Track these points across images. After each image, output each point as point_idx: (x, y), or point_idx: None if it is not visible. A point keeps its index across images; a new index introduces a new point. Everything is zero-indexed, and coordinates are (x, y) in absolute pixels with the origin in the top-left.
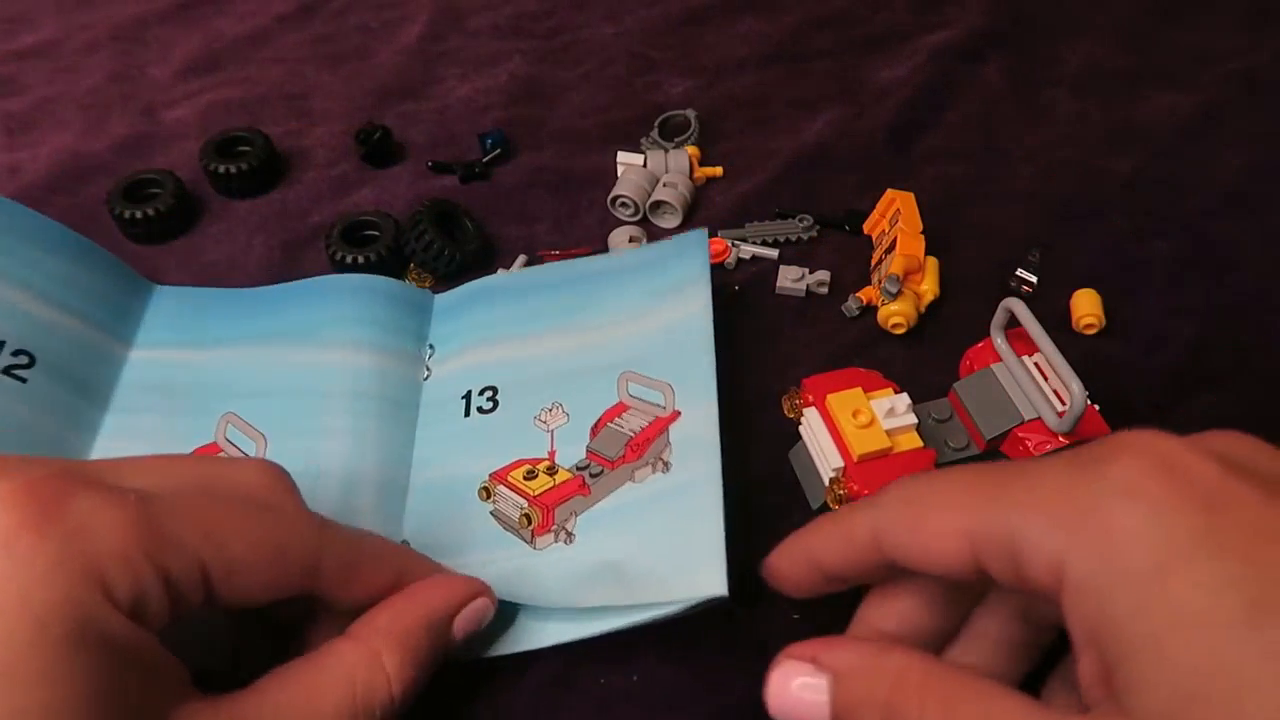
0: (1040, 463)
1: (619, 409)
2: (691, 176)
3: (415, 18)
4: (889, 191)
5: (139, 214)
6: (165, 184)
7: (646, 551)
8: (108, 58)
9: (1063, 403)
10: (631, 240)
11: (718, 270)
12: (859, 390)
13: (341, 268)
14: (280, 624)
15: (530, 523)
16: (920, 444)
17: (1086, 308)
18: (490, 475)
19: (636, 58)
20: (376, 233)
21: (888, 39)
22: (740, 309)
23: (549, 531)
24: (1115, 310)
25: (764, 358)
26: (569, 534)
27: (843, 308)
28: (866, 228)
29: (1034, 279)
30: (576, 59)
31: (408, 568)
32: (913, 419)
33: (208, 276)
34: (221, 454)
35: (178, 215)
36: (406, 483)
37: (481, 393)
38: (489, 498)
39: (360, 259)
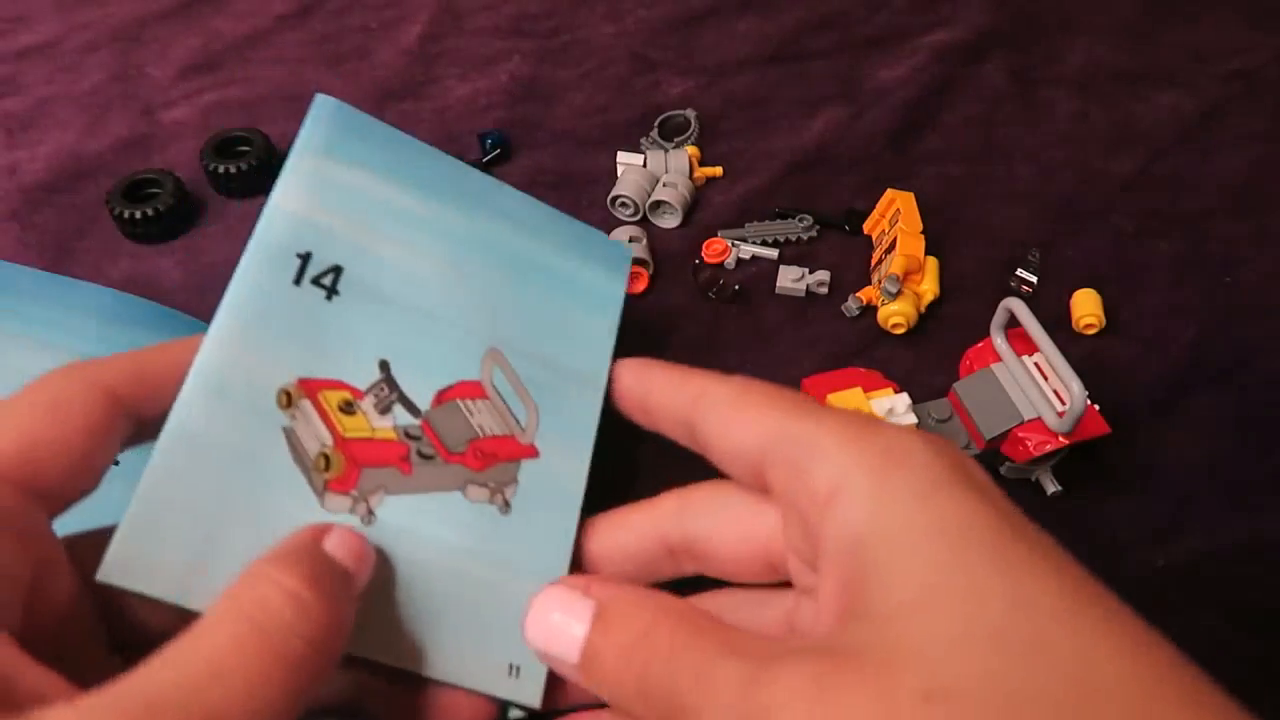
0: (845, 414)
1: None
2: (691, 176)
3: (415, 18)
4: (889, 191)
5: (139, 214)
6: (165, 184)
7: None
8: (108, 58)
9: (1063, 402)
10: (632, 240)
11: (717, 270)
12: (859, 390)
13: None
14: None
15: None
16: None
17: (1086, 308)
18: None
19: (636, 58)
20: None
21: (888, 39)
22: (740, 309)
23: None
24: (1115, 310)
25: (764, 358)
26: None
27: (843, 308)
28: (866, 228)
29: (1034, 279)
30: (576, 59)
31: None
32: (912, 419)
33: (208, 276)
34: None
35: (178, 215)
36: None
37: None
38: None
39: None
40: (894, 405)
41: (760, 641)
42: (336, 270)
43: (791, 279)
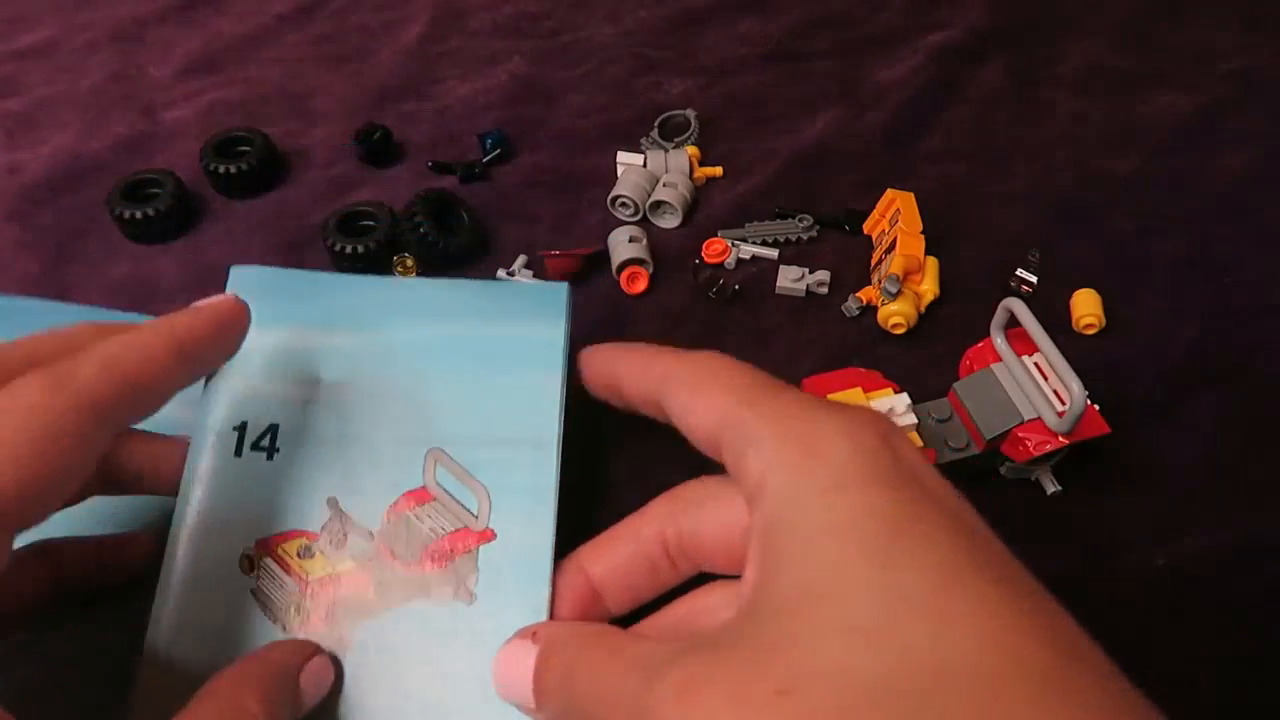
0: (792, 389)
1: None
2: (691, 176)
3: (415, 18)
4: (889, 191)
5: (139, 214)
6: (165, 184)
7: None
8: (108, 58)
9: (1063, 402)
10: (632, 240)
11: (717, 270)
12: (859, 390)
13: (339, 258)
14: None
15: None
16: (920, 444)
17: (1086, 308)
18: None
19: (636, 58)
20: (373, 223)
21: (887, 39)
22: (740, 309)
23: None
24: (1115, 310)
25: (764, 358)
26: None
27: (843, 308)
28: (866, 228)
29: (1034, 279)
30: (576, 59)
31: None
32: (912, 419)
33: (208, 276)
34: None
35: (178, 215)
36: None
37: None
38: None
39: (358, 248)
40: (894, 405)
41: (660, 648)
42: (273, 429)
43: (791, 279)
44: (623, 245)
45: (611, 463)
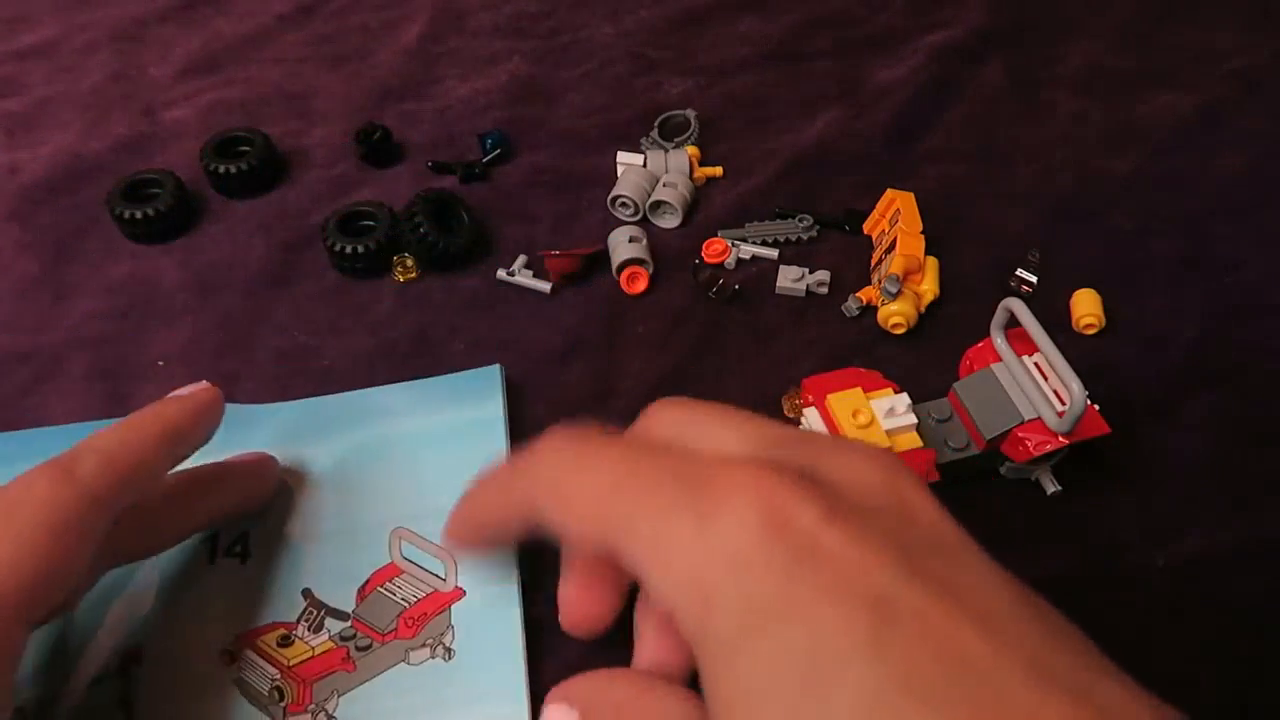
0: (658, 487)
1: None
2: (691, 176)
3: (415, 18)
4: (889, 191)
5: (139, 214)
6: (165, 184)
7: None
8: (108, 58)
9: (1063, 402)
10: (632, 240)
11: (717, 270)
12: (859, 390)
13: (339, 258)
14: None
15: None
16: (920, 444)
17: (1086, 308)
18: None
19: (636, 58)
20: (373, 223)
21: (888, 39)
22: (740, 309)
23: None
24: (1115, 310)
25: (764, 358)
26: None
27: (843, 308)
28: (866, 228)
29: (1034, 279)
30: (576, 59)
31: None
32: (912, 419)
33: (208, 276)
34: None
35: (178, 215)
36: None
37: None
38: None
39: (358, 249)
40: (894, 405)
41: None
42: (244, 536)
43: (791, 279)
44: (623, 245)
45: None
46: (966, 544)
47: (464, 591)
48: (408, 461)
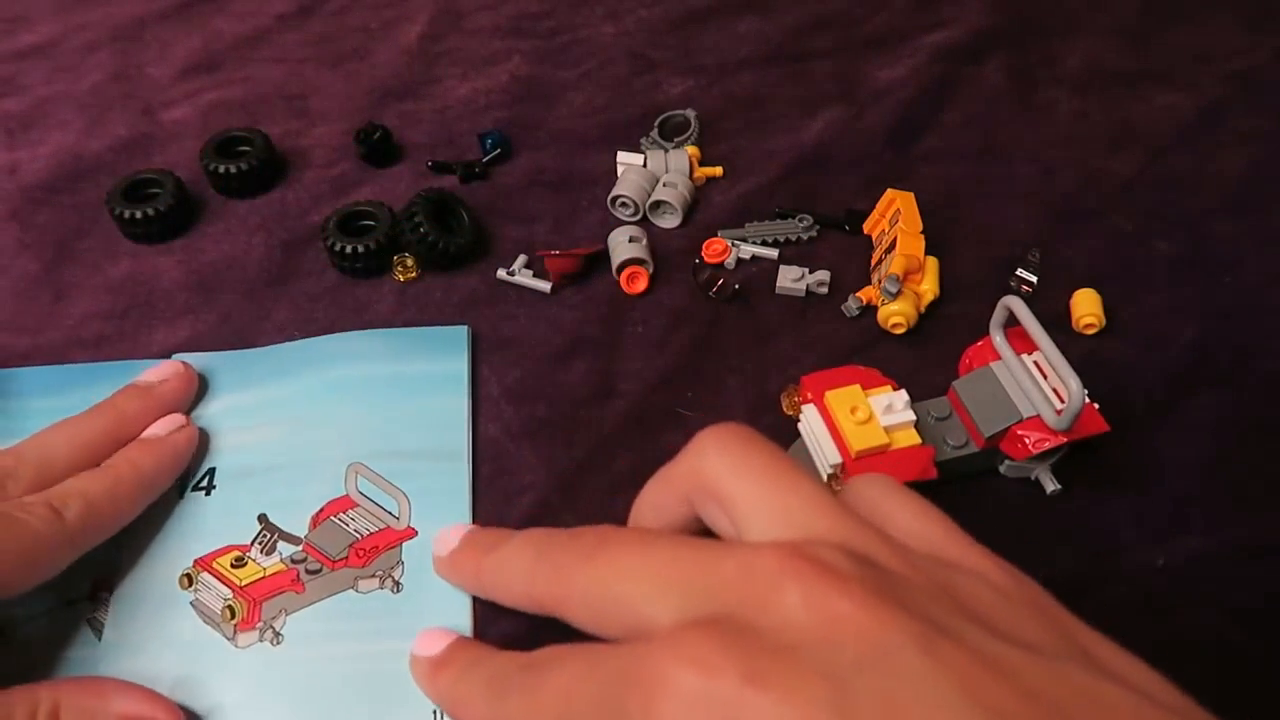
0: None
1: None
2: (691, 176)
3: (415, 18)
4: (889, 191)
5: (139, 214)
6: (165, 184)
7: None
8: (108, 58)
9: (1061, 400)
10: (632, 240)
11: (717, 270)
12: (857, 387)
13: (339, 258)
14: None
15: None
16: (918, 441)
17: (1086, 308)
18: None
19: (636, 58)
20: (373, 222)
21: (887, 39)
22: (740, 309)
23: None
24: (1115, 310)
25: (764, 358)
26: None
27: (843, 308)
28: (866, 228)
29: (1034, 279)
30: (576, 59)
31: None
32: (910, 416)
33: (208, 276)
34: None
35: (178, 215)
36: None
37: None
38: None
39: (358, 249)
40: (892, 402)
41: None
42: (211, 471)
43: (791, 279)
44: (623, 245)
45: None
46: (910, 639)
47: (416, 532)
48: (370, 403)
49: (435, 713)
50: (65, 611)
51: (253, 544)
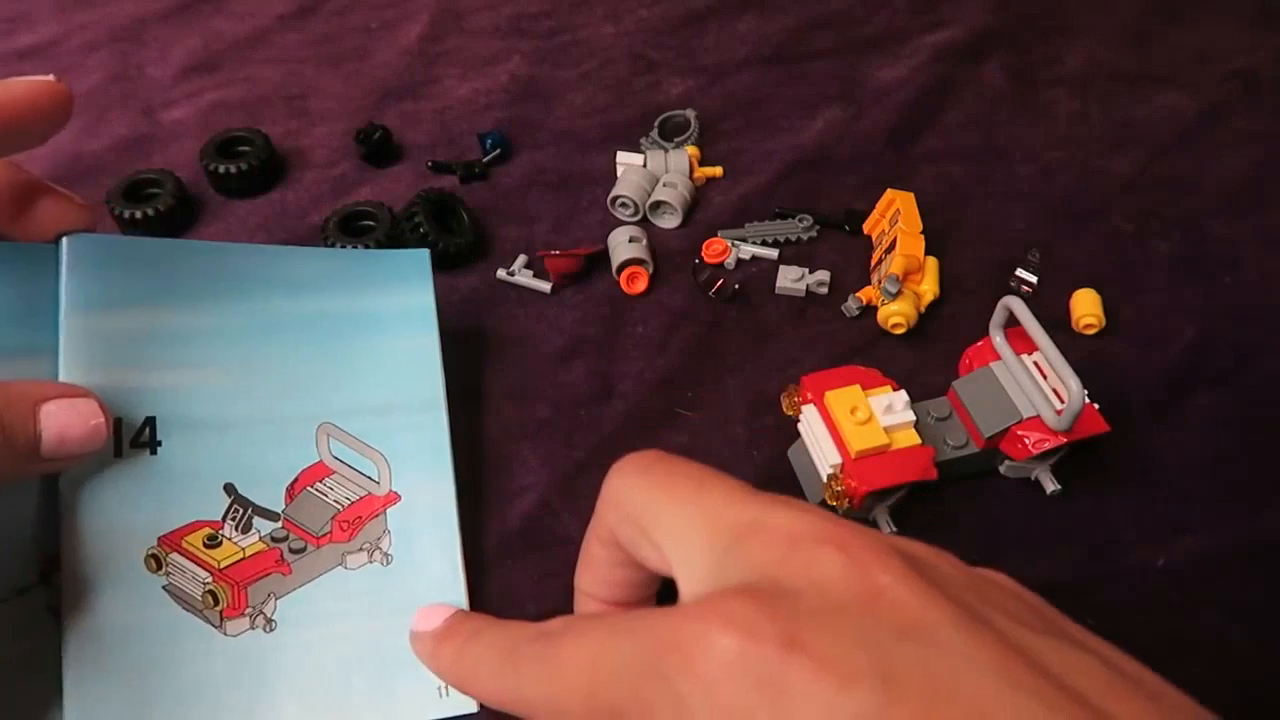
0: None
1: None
2: (691, 176)
3: (415, 18)
4: (889, 191)
5: (139, 214)
6: (165, 184)
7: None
8: (107, 58)
9: (1061, 401)
10: (632, 240)
11: (717, 270)
12: (857, 387)
13: None
14: None
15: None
16: (918, 441)
17: (1086, 308)
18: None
19: (636, 58)
20: (373, 223)
21: (888, 39)
22: (740, 309)
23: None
24: (1115, 310)
25: (763, 357)
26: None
27: (843, 308)
28: (866, 228)
29: (1034, 279)
30: (576, 59)
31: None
32: (910, 416)
33: None
34: None
35: (178, 215)
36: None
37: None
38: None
39: (358, 249)
40: (892, 402)
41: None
42: (150, 422)
43: (791, 279)
44: (623, 245)
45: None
46: (946, 616)
47: (399, 496)
48: (334, 349)
49: (440, 688)
50: (21, 601)
51: (225, 520)
